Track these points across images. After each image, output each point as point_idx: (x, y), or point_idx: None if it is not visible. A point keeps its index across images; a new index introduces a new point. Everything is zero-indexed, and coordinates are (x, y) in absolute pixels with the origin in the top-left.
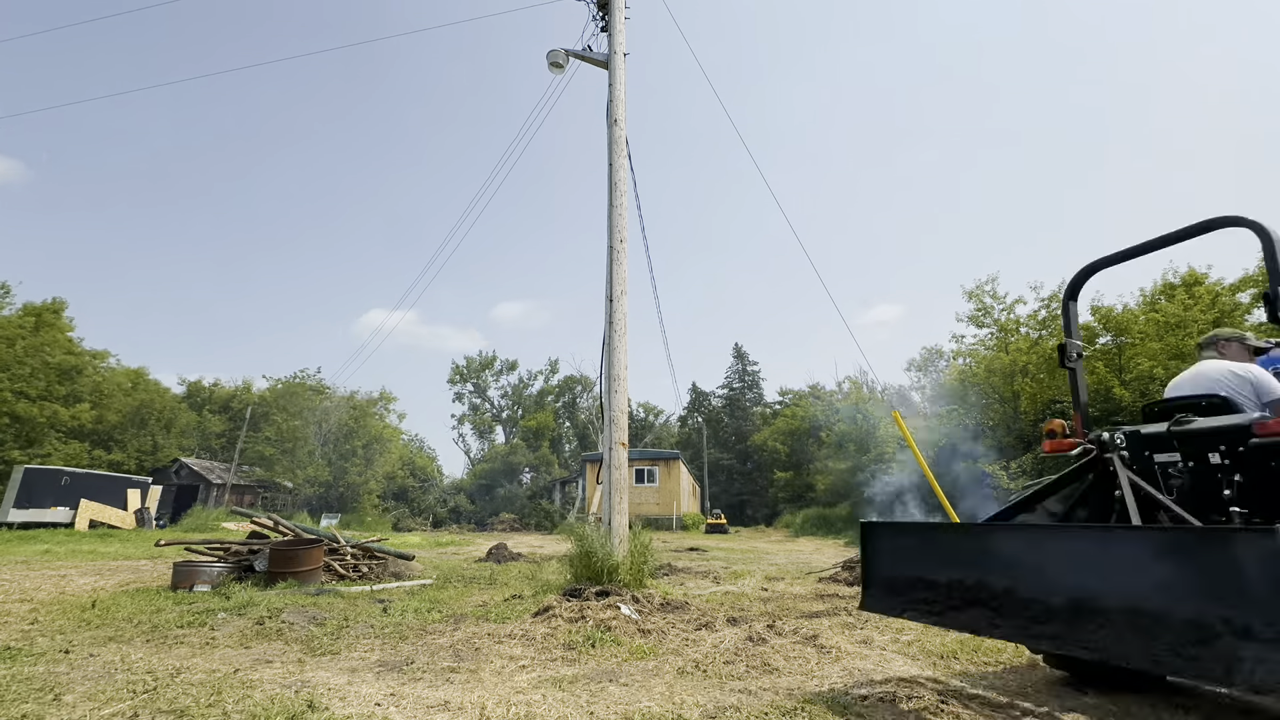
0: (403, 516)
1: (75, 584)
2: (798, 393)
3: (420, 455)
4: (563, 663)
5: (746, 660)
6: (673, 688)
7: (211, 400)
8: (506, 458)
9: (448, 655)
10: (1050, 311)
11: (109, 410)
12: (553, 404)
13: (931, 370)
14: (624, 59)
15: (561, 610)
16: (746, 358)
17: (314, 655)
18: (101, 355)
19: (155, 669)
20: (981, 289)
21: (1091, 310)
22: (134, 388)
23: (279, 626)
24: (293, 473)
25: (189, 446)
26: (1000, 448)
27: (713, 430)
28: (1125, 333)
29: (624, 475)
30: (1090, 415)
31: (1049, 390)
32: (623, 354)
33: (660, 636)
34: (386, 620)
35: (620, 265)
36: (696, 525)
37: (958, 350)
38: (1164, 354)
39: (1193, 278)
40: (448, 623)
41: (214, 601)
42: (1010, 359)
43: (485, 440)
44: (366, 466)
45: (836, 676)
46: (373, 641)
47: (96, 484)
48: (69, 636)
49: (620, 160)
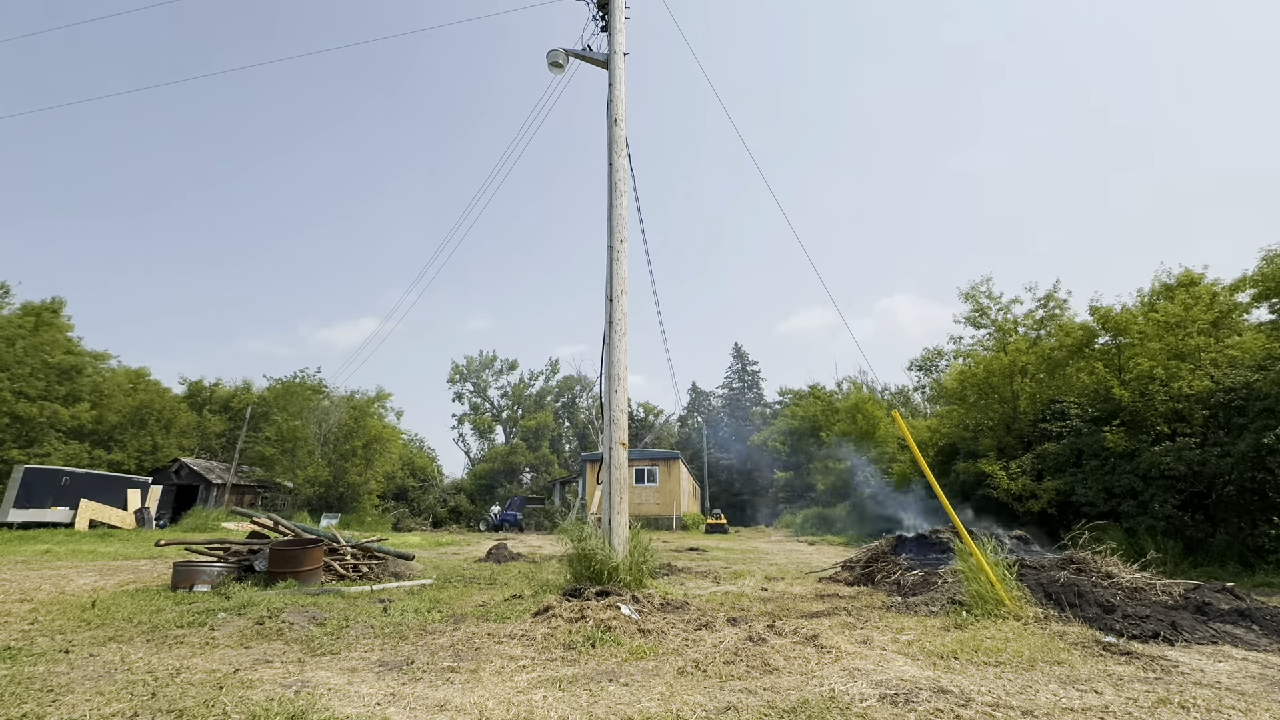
0: (403, 516)
1: (75, 584)
2: (798, 393)
3: (420, 455)
4: (563, 663)
5: (746, 660)
6: (673, 688)
7: (212, 400)
8: (507, 458)
9: (448, 655)
10: (1047, 311)
11: (109, 410)
12: (552, 404)
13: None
14: (624, 59)
15: (561, 610)
16: (746, 358)
17: (314, 655)
18: (102, 356)
19: (155, 669)
20: (977, 289)
21: (1090, 310)
22: (134, 388)
23: (279, 626)
24: (293, 473)
25: (189, 446)
26: (1000, 448)
27: (712, 430)
28: (1124, 333)
29: (624, 475)
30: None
31: (1048, 390)
32: (623, 354)
33: (660, 636)
34: (386, 620)
35: (620, 265)
36: (696, 525)
37: (957, 351)
38: (1164, 354)
39: (1189, 278)
40: (448, 623)
41: (214, 601)
42: (1009, 359)
43: (485, 440)
44: (366, 466)
45: (837, 677)
46: (373, 641)
47: (96, 484)
48: (69, 636)
49: (620, 160)
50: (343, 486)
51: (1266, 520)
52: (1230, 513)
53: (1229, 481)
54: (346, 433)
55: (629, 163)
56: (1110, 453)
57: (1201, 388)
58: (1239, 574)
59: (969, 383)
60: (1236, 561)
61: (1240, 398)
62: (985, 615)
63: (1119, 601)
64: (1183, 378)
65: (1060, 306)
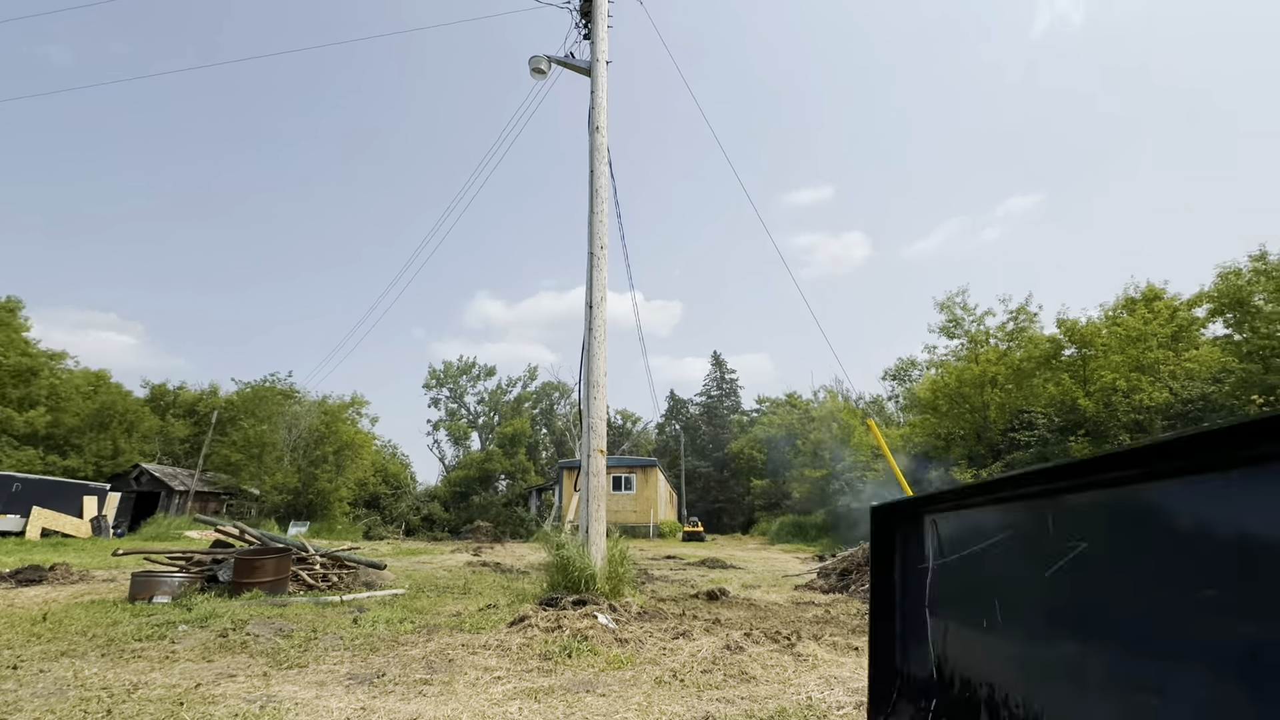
0: (374, 524)
1: (25, 595)
2: (775, 401)
3: (393, 462)
4: (539, 673)
5: (724, 669)
6: (650, 698)
7: (176, 404)
8: (482, 465)
9: (420, 667)
10: (1018, 324)
11: (66, 414)
12: (530, 410)
13: (906, 379)
14: (606, 66)
15: (537, 620)
16: (725, 365)
17: (280, 668)
18: (59, 356)
19: (111, 685)
20: (952, 300)
21: (1057, 323)
22: (95, 391)
23: (243, 639)
24: (260, 479)
25: (151, 452)
26: (971, 456)
27: (690, 438)
28: (1089, 345)
29: (602, 482)
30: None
31: (1017, 400)
32: (602, 360)
33: (638, 646)
34: (357, 631)
35: (600, 272)
36: (674, 533)
37: (930, 361)
38: (1126, 366)
39: (1152, 293)
40: (420, 633)
41: (175, 613)
42: (980, 369)
43: (461, 447)
44: (338, 473)
45: (813, 685)
46: (342, 654)
47: (50, 491)
48: (18, 651)
49: (601, 167)
50: (312, 494)
51: None
52: None
53: None
54: (318, 438)
55: (610, 170)
56: None
57: (1161, 399)
58: None
59: (941, 392)
60: None
61: (1198, 409)
62: None
63: None
64: (1144, 389)
65: (1030, 319)
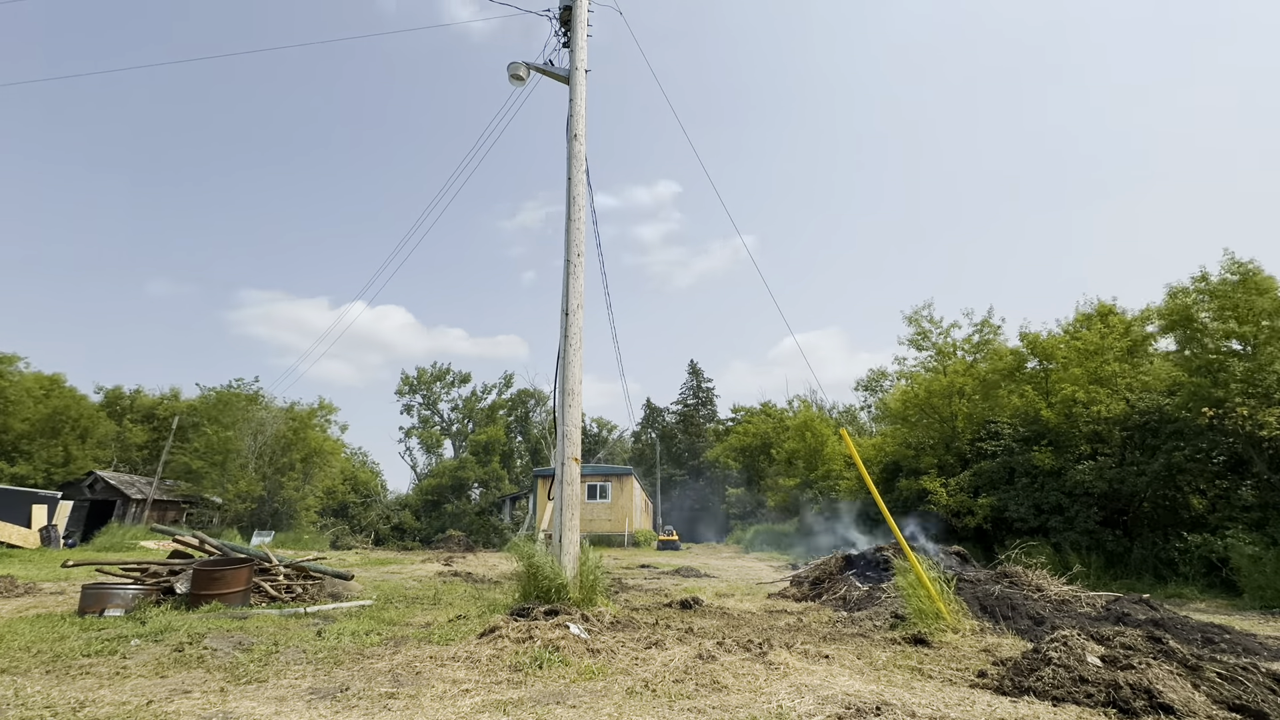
0: (342, 534)
1: None
2: (750, 410)
3: (363, 470)
4: (508, 685)
5: (696, 679)
6: (621, 708)
7: (133, 409)
8: (455, 472)
9: (386, 680)
10: (983, 336)
11: (15, 418)
12: (505, 418)
13: (877, 390)
14: (585, 75)
15: (508, 630)
16: (701, 374)
17: (238, 684)
18: (10, 359)
19: (55, 703)
20: (919, 314)
21: (1020, 336)
22: (47, 394)
23: (200, 653)
24: (223, 487)
25: (106, 459)
26: (941, 465)
27: (666, 446)
28: (1050, 358)
29: (576, 491)
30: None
31: (984, 411)
32: (577, 368)
33: (610, 656)
34: (320, 644)
35: (576, 279)
36: (649, 542)
37: (900, 372)
38: (1085, 379)
39: (1105, 309)
40: (387, 646)
41: (127, 627)
42: (948, 380)
43: (433, 455)
44: (305, 481)
45: (784, 694)
46: (304, 667)
47: None
48: None
49: (579, 175)
50: (278, 502)
51: (1177, 535)
52: (1146, 528)
53: (1144, 499)
54: (284, 445)
55: (587, 178)
56: (1040, 471)
57: (1119, 411)
58: (1154, 586)
59: (911, 403)
60: (1151, 574)
61: (1153, 420)
62: (926, 629)
63: (1048, 614)
64: (1102, 401)
65: (995, 331)
